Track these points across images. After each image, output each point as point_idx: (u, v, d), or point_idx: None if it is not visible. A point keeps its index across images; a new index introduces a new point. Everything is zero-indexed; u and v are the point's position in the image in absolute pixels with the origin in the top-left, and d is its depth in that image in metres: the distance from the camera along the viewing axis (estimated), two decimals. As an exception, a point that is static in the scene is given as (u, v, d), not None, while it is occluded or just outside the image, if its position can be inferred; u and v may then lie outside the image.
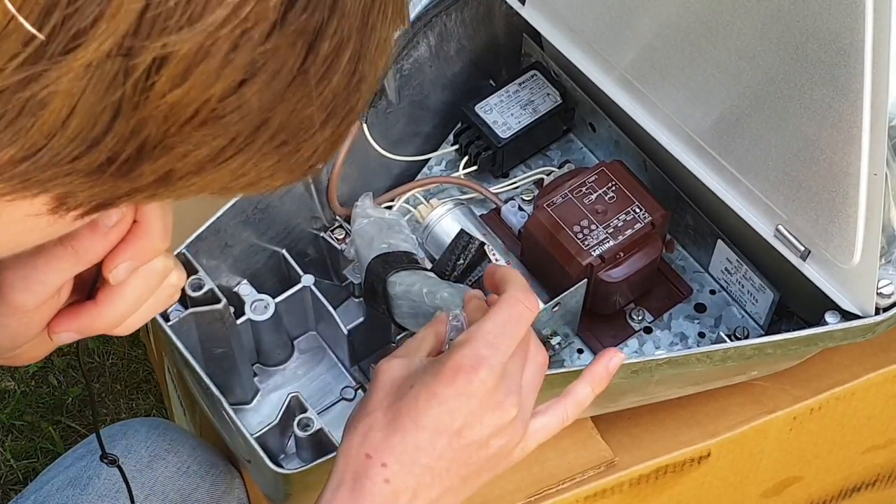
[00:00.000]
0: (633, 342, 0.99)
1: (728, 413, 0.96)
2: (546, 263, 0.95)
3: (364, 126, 0.97)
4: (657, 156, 0.96)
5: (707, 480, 0.99)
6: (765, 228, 0.86)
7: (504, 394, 0.66)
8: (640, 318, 1.00)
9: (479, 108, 1.03)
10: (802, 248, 0.84)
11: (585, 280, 0.92)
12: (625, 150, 1.01)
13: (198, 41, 0.37)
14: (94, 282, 0.56)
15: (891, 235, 0.82)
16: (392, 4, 0.42)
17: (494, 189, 1.04)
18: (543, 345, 0.95)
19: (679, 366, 0.85)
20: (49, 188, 0.40)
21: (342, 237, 0.98)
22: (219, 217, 0.92)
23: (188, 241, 0.90)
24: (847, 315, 0.85)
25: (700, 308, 1.00)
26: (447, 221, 0.98)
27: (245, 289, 0.94)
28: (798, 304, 0.95)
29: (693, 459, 0.96)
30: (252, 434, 0.84)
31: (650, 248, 0.94)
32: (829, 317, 0.86)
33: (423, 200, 1.01)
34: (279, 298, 0.94)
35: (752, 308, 0.98)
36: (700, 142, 0.88)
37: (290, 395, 0.88)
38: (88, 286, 0.56)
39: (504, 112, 1.03)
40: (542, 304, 0.94)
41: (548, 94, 1.04)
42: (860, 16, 0.69)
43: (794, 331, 0.86)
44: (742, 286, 0.98)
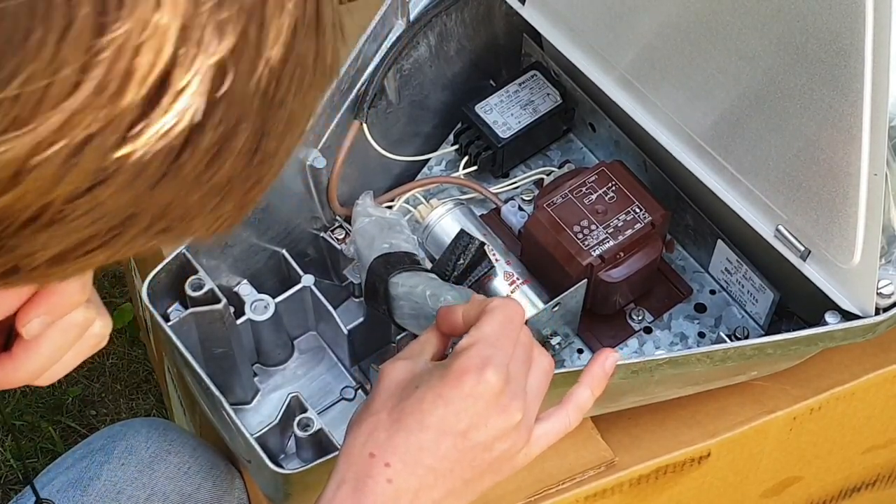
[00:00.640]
0: (633, 342, 0.99)
1: (728, 413, 0.96)
2: (546, 263, 0.95)
3: (364, 126, 0.96)
4: (657, 156, 0.96)
5: (707, 480, 0.99)
6: (765, 228, 0.86)
7: (510, 397, 0.66)
8: (640, 318, 1.00)
9: (479, 108, 1.03)
10: (802, 248, 0.84)
11: (585, 280, 0.92)
12: (625, 150, 1.01)
13: (27, 145, 0.34)
14: (11, 332, 0.53)
15: (891, 235, 0.82)
16: (310, 73, 0.39)
17: (494, 189, 1.04)
18: (543, 345, 0.95)
19: (679, 366, 0.85)
20: None
21: (342, 237, 0.98)
22: (219, 217, 0.92)
23: (188, 241, 0.90)
24: (847, 315, 0.85)
25: (700, 308, 1.00)
26: (447, 221, 0.98)
27: (245, 289, 0.94)
28: (798, 305, 0.95)
29: (693, 459, 0.96)
30: (252, 434, 0.84)
31: (650, 248, 0.94)
32: (829, 317, 0.86)
33: (423, 200, 1.01)
34: (279, 298, 0.94)
35: (752, 308, 0.98)
36: (700, 142, 0.88)
37: (290, 395, 0.88)
38: (5, 336, 0.54)
39: (504, 112, 1.03)
40: (542, 304, 0.94)
41: (548, 94, 1.04)
42: (860, 16, 0.69)
43: (794, 331, 0.86)
44: (742, 286, 0.98)
